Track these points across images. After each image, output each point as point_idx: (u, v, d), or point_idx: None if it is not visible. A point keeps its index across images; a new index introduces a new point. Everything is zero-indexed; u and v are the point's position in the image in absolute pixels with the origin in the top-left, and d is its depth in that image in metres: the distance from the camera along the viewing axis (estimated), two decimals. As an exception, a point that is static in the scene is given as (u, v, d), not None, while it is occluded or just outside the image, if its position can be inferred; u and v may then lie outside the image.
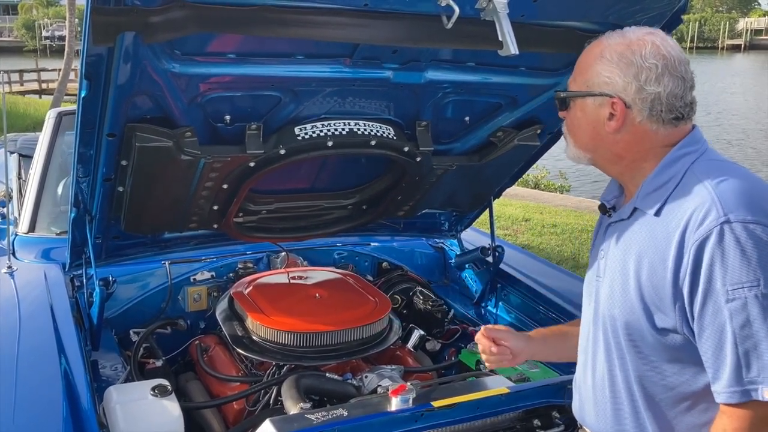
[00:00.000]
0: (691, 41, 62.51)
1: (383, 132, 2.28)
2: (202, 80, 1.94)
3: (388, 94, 2.23)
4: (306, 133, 2.19)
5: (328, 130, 2.20)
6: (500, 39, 1.71)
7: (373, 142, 2.26)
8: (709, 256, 1.35)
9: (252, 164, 2.20)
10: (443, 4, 1.67)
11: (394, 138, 2.31)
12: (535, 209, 8.70)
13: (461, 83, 2.25)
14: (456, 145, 2.56)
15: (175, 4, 1.62)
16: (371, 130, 2.25)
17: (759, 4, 78.53)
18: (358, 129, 2.23)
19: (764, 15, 71.70)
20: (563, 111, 1.63)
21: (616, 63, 1.49)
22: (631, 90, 1.48)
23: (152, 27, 1.64)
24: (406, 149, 2.35)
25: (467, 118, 2.47)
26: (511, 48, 1.71)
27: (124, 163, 2.12)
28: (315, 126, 2.20)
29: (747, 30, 65.41)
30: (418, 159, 2.42)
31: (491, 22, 1.72)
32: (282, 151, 2.18)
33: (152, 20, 1.63)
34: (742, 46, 63.38)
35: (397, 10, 1.79)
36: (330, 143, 2.20)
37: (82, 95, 1.79)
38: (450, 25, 1.72)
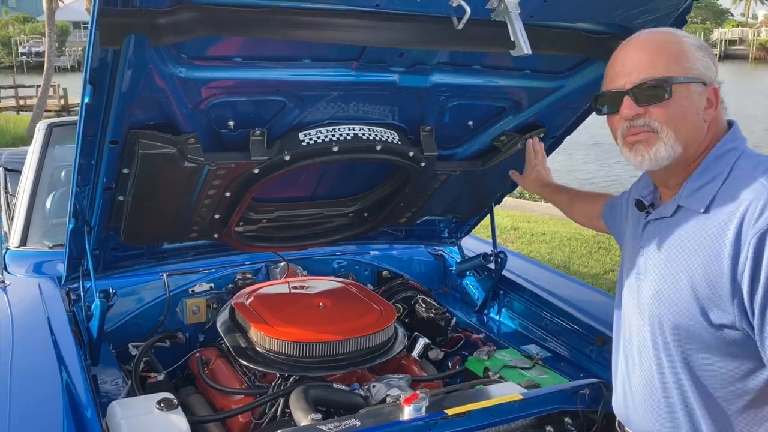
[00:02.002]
0: (667, 52, 63.17)
1: (388, 137, 2.25)
2: (208, 85, 1.90)
3: (393, 99, 2.21)
4: (311, 139, 2.15)
5: (333, 136, 2.17)
6: (512, 39, 1.70)
7: (378, 147, 2.23)
8: None
9: (256, 171, 2.16)
10: (454, 5, 1.66)
11: (399, 143, 2.28)
12: (522, 218, 8.72)
13: (466, 86, 2.23)
14: (459, 150, 2.55)
15: (184, 6, 1.59)
16: (376, 135, 2.22)
17: (732, 15, 79.88)
18: (363, 134, 2.21)
19: (737, 26, 72.93)
20: (655, 104, 1.48)
21: (704, 51, 1.50)
22: (717, 79, 1.51)
23: (160, 29, 1.60)
24: (411, 154, 2.32)
25: (471, 123, 2.45)
26: (524, 48, 1.69)
27: (125, 171, 2.07)
28: (319, 131, 2.17)
29: (721, 40, 66.48)
30: (423, 164, 2.39)
31: (501, 22, 1.71)
32: (287, 157, 2.14)
33: (160, 22, 1.59)
34: (718, 56, 64.26)
35: (409, 11, 1.77)
36: (335, 149, 2.17)
37: (86, 101, 1.74)
38: (460, 26, 1.70)
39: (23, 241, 3.07)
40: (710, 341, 1.45)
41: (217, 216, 2.40)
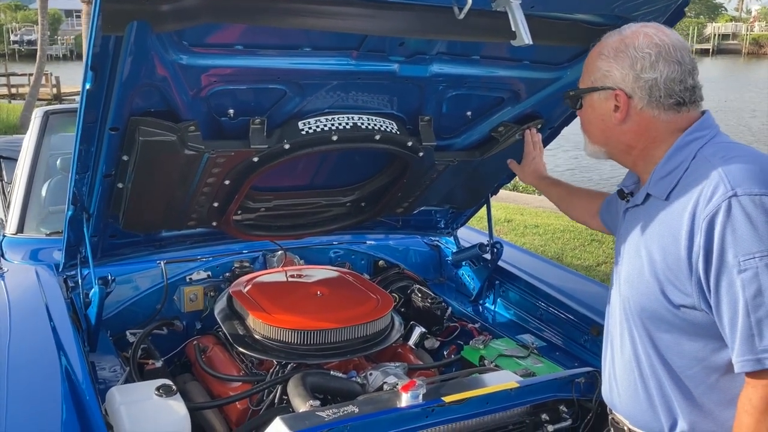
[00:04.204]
0: (661, 46, 63.07)
1: (387, 126, 2.26)
2: (208, 72, 1.90)
3: (392, 88, 2.22)
4: (310, 128, 2.16)
5: (332, 125, 2.17)
6: (513, 29, 1.71)
7: (377, 137, 2.24)
8: (720, 230, 1.40)
9: (256, 159, 2.17)
10: (456, -6, 1.67)
11: (398, 132, 2.29)
12: (515, 211, 8.74)
13: (465, 77, 2.25)
14: (457, 140, 2.56)
15: None
16: (375, 125, 2.23)
17: (726, 10, 79.98)
18: (362, 123, 2.21)
19: (731, 20, 73.07)
20: (578, 111, 1.72)
21: (613, 57, 1.59)
22: (629, 80, 1.56)
23: (163, 16, 1.61)
24: (409, 144, 2.33)
25: (469, 113, 2.46)
26: (525, 38, 1.71)
27: (125, 158, 2.07)
28: (319, 120, 2.18)
29: (714, 35, 66.57)
30: (421, 154, 2.40)
31: (502, 12, 1.72)
32: (286, 146, 2.15)
33: (163, 9, 1.60)
34: (711, 50, 64.53)
35: (410, 0, 1.77)
36: (335, 138, 2.18)
37: (87, 87, 1.74)
38: (462, 16, 1.72)
39: (20, 228, 3.07)
40: (674, 322, 1.52)
41: (215, 204, 2.40)
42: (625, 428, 1.71)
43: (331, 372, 2.31)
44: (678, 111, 1.57)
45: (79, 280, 2.46)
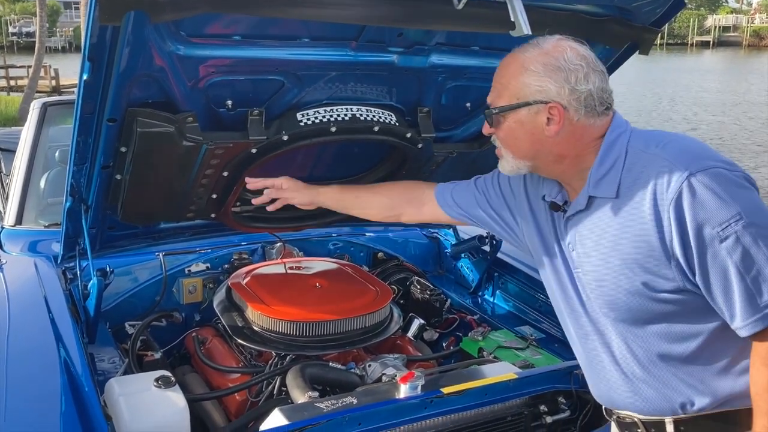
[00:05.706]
0: (662, 38, 63.27)
1: (385, 118, 2.26)
2: (206, 63, 1.90)
3: (390, 79, 2.21)
4: (308, 119, 2.16)
5: (331, 116, 2.17)
6: (512, 19, 1.70)
7: (376, 128, 2.23)
8: (689, 210, 1.43)
9: (254, 150, 2.17)
10: (455, -16, 1.66)
11: (397, 124, 2.29)
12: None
13: (464, 68, 2.24)
14: (456, 131, 2.55)
15: None
16: (374, 116, 2.23)
17: (726, 2, 79.82)
18: (361, 115, 2.21)
19: (731, 12, 72.98)
20: (493, 128, 1.69)
21: (543, 72, 1.58)
22: (564, 93, 1.57)
23: (160, 6, 1.60)
24: (408, 135, 2.33)
25: (468, 104, 2.46)
26: (524, 28, 1.70)
27: (123, 149, 2.06)
28: (317, 112, 2.17)
29: (715, 27, 66.48)
30: (420, 146, 2.40)
31: (502, 3, 1.71)
32: (285, 137, 2.14)
33: None
34: (711, 43, 64.44)
35: None
36: (333, 129, 2.17)
37: (84, 78, 1.73)
38: (461, 6, 1.71)
39: (18, 220, 3.07)
40: (658, 309, 1.55)
41: (214, 196, 2.40)
42: (635, 420, 1.70)
43: (330, 363, 2.31)
44: (607, 115, 1.62)
45: (78, 272, 2.46)
